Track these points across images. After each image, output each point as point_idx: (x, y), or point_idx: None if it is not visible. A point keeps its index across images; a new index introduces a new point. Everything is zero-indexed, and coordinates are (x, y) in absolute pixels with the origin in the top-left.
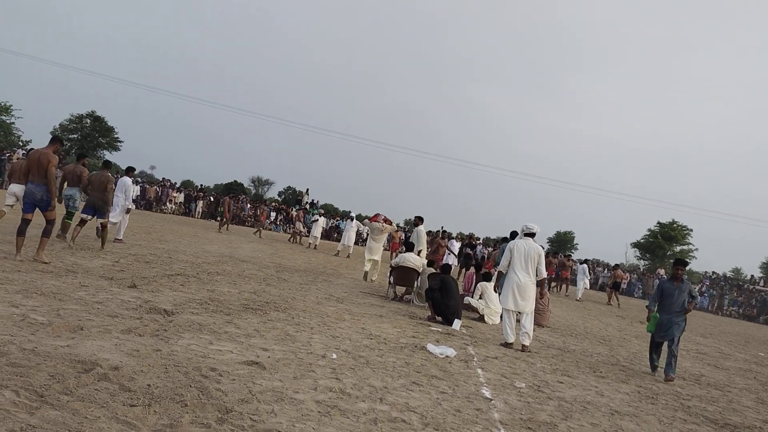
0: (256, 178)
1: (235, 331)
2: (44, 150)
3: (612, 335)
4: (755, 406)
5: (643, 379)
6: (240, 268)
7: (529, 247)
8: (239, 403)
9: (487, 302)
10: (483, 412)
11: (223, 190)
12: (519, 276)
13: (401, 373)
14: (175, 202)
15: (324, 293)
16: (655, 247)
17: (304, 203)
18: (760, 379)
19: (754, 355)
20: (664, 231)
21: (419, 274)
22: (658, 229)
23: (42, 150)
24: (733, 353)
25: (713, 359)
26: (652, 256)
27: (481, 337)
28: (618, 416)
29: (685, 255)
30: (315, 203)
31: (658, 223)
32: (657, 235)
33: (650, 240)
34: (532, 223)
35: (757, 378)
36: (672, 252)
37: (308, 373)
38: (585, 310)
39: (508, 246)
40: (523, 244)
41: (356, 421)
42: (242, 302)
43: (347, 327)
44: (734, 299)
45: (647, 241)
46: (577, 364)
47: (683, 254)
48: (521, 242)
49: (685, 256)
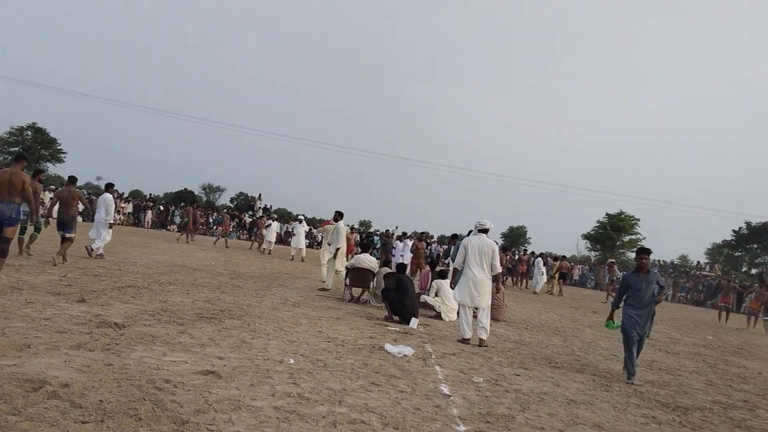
0: (207, 185)
1: (190, 341)
2: (12, 170)
3: (566, 326)
4: (705, 387)
5: (597, 368)
6: (193, 277)
7: (483, 243)
8: (195, 413)
9: (443, 299)
10: (442, 409)
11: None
12: (474, 272)
13: (360, 374)
14: (123, 212)
15: (280, 298)
16: (604, 238)
17: (257, 209)
18: (709, 361)
19: (702, 338)
20: (612, 222)
21: (375, 275)
22: (606, 220)
23: (10, 170)
24: (682, 338)
25: (664, 345)
26: (603, 247)
27: (439, 334)
28: (574, 405)
29: (633, 244)
30: (268, 208)
31: (607, 214)
32: (606, 226)
33: (600, 231)
34: (485, 219)
35: (706, 361)
36: (621, 242)
37: (265, 380)
38: (540, 303)
39: (462, 243)
40: (477, 241)
41: (315, 425)
42: (196, 311)
43: (304, 331)
44: (682, 285)
45: (597, 233)
46: (533, 356)
47: (632, 243)
48: (475, 239)
49: (634, 245)
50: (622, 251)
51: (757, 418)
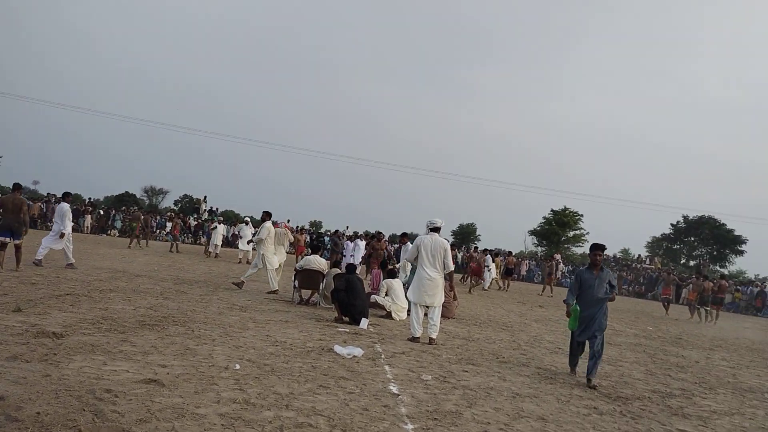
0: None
1: (131, 349)
2: None
3: (513, 321)
4: (644, 377)
5: (543, 361)
6: (134, 284)
7: (435, 242)
8: (137, 423)
9: (393, 299)
10: (390, 408)
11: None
12: (427, 271)
13: (308, 377)
14: None
15: (226, 303)
16: (550, 234)
17: (202, 211)
18: (649, 351)
19: (643, 329)
20: (557, 218)
21: (324, 276)
22: (552, 216)
23: None
24: (624, 329)
25: (606, 336)
26: (548, 243)
27: (389, 334)
28: (519, 399)
29: (578, 239)
30: (214, 211)
31: (552, 210)
32: (551, 222)
33: (545, 227)
34: (437, 218)
35: (646, 351)
36: (566, 237)
37: (210, 387)
38: (489, 299)
39: (415, 242)
40: (429, 239)
41: (261, 430)
42: (138, 319)
43: (251, 336)
44: (624, 278)
45: (543, 228)
46: (481, 352)
47: (576, 239)
48: (427, 237)
49: (578, 240)
50: (567, 246)
51: (694, 406)
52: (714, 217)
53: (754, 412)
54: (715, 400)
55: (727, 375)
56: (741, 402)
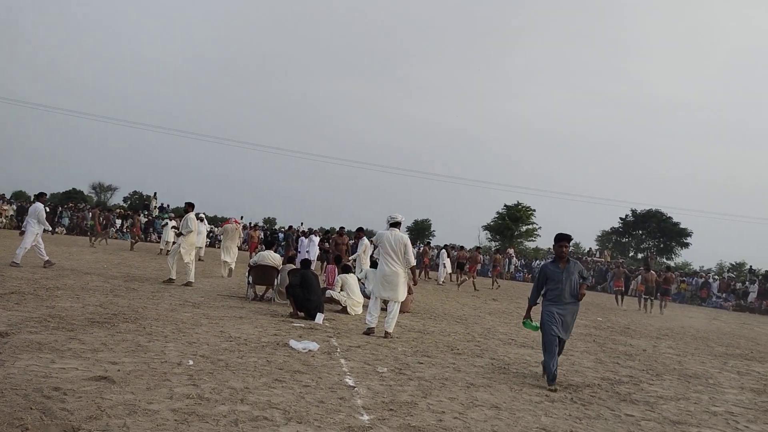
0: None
1: (80, 347)
2: None
3: (468, 314)
4: (594, 366)
5: (496, 352)
6: (83, 281)
7: (395, 237)
8: (87, 420)
9: (348, 294)
10: (346, 400)
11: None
12: (388, 266)
13: (263, 372)
14: (5, 215)
15: (178, 300)
16: (503, 229)
17: (152, 208)
18: (598, 341)
19: (593, 320)
20: (510, 213)
21: (279, 272)
22: (505, 211)
23: None
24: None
25: None
26: (502, 237)
27: (344, 328)
28: (473, 388)
29: (530, 234)
30: (165, 207)
31: (505, 205)
32: (505, 217)
33: (499, 222)
34: (397, 213)
35: (596, 341)
36: (519, 232)
37: (163, 383)
38: (444, 293)
39: (375, 237)
40: (389, 235)
41: (216, 424)
42: (87, 316)
43: (204, 332)
44: None
45: (496, 223)
46: (436, 344)
47: (529, 233)
48: (387, 233)
49: (531, 234)
50: (520, 241)
51: (641, 392)
52: (661, 210)
53: (698, 397)
54: (661, 386)
55: (673, 362)
56: (686, 388)
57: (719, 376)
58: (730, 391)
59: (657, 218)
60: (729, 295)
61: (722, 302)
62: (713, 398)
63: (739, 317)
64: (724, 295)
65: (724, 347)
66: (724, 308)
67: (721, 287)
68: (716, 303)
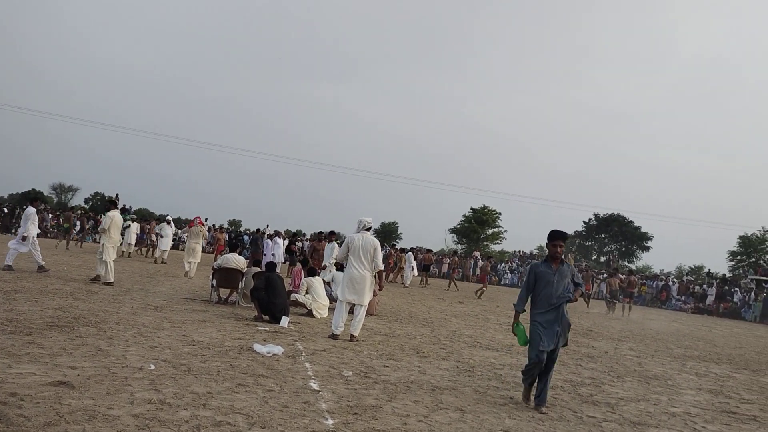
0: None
1: (39, 351)
2: None
3: (434, 317)
4: (557, 367)
5: (462, 355)
6: (42, 284)
7: (366, 241)
8: (45, 426)
9: (314, 297)
10: (310, 405)
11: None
12: (356, 269)
13: (226, 376)
14: None
15: (140, 303)
16: (470, 232)
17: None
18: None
19: None
20: (477, 216)
21: (243, 275)
22: (471, 214)
23: None
24: None
25: None
26: (468, 240)
27: (310, 331)
28: (438, 391)
29: (496, 237)
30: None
31: (471, 209)
32: (471, 220)
33: (465, 225)
34: (368, 218)
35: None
36: (485, 235)
37: (124, 388)
38: (410, 295)
39: (346, 240)
40: (360, 238)
41: (177, 430)
42: (46, 320)
43: (167, 336)
44: None
45: (463, 226)
46: (402, 347)
47: (494, 236)
48: (358, 236)
49: (496, 237)
50: (486, 244)
51: (603, 393)
52: (623, 215)
53: (658, 398)
54: (622, 387)
55: (633, 364)
56: (646, 389)
57: (678, 377)
58: (689, 392)
59: (619, 222)
60: (688, 297)
61: (681, 305)
62: (672, 399)
63: (697, 319)
64: (683, 297)
65: (683, 349)
66: (683, 311)
67: (681, 290)
68: (676, 305)
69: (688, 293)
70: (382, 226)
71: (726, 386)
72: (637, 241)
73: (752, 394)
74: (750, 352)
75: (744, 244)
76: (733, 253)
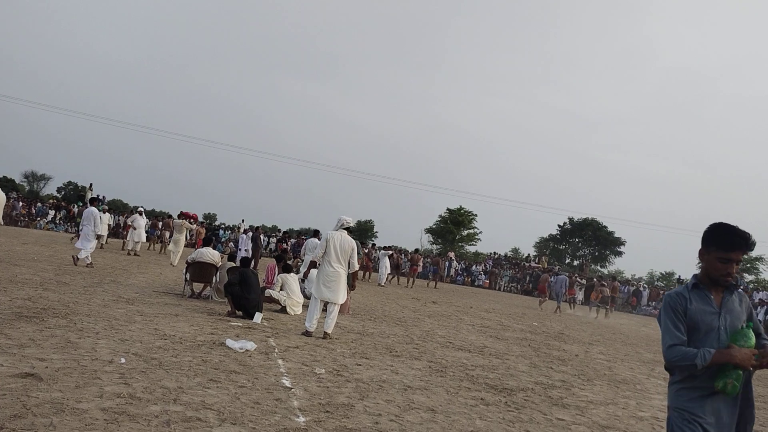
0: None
1: (6, 342)
2: None
3: (407, 316)
4: (529, 370)
5: (434, 355)
6: (11, 273)
7: (344, 240)
8: (11, 419)
9: (288, 293)
10: (282, 402)
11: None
12: (332, 267)
13: (197, 371)
14: None
15: (112, 295)
16: (445, 232)
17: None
18: (534, 346)
19: (529, 325)
20: (453, 216)
21: (218, 269)
22: (447, 215)
23: None
24: (511, 324)
25: (495, 331)
26: (443, 241)
27: (283, 328)
28: (410, 391)
29: (471, 238)
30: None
31: (448, 209)
32: (447, 220)
33: (441, 225)
34: (349, 217)
35: (531, 345)
36: (460, 236)
37: (93, 381)
38: (384, 295)
39: (324, 237)
40: (339, 236)
41: (147, 425)
42: (14, 310)
43: (138, 329)
44: (513, 276)
45: (439, 227)
46: (375, 346)
47: (470, 237)
48: (336, 234)
49: (472, 238)
50: (461, 245)
51: (573, 396)
52: (597, 219)
53: (626, 402)
54: (592, 390)
55: (603, 368)
56: (615, 392)
57: (647, 382)
58: (657, 396)
59: (593, 226)
60: (658, 303)
61: (652, 310)
62: (640, 404)
63: None
64: (653, 303)
65: (652, 354)
66: (653, 316)
67: (651, 296)
68: (646, 311)
69: (659, 299)
70: (359, 224)
71: None
72: (610, 245)
73: None
74: None
75: None
76: None
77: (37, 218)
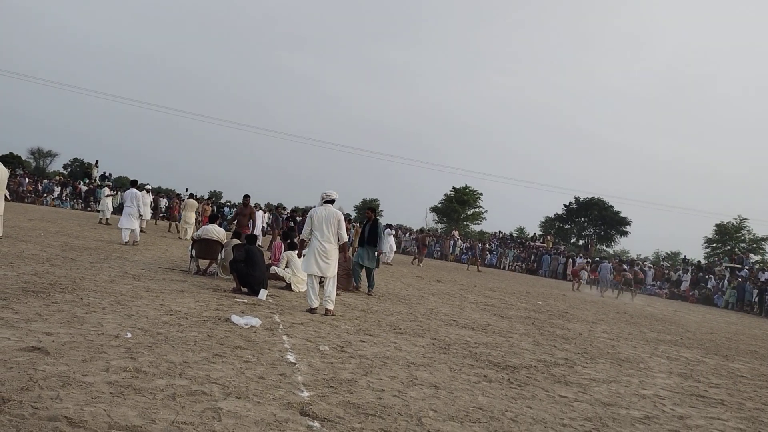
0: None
1: (13, 316)
2: None
3: (412, 294)
4: (532, 348)
5: (438, 332)
6: (18, 249)
7: (329, 213)
8: (18, 391)
9: (293, 270)
10: (286, 377)
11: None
12: (320, 242)
13: (203, 346)
14: None
15: (118, 271)
16: (450, 211)
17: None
18: (537, 324)
19: (533, 303)
20: (458, 195)
21: (223, 246)
22: (453, 193)
23: None
24: (515, 303)
25: (499, 310)
26: (448, 219)
27: (288, 305)
28: (414, 367)
29: (476, 217)
30: (107, 176)
31: (453, 188)
32: (452, 199)
33: (446, 204)
34: (331, 190)
35: (535, 324)
36: (465, 215)
37: (99, 355)
38: (388, 272)
39: (309, 214)
40: (323, 211)
41: (153, 398)
42: (21, 285)
43: (144, 305)
44: (518, 255)
45: (444, 206)
46: (379, 323)
47: (475, 216)
48: (321, 209)
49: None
50: (466, 223)
51: (575, 374)
52: (603, 199)
53: (629, 380)
54: (594, 369)
55: (606, 346)
56: (618, 371)
57: (650, 360)
58: (659, 375)
59: (599, 206)
60: (663, 283)
61: (657, 290)
62: (643, 382)
63: (671, 305)
64: (658, 283)
65: (655, 333)
66: (658, 295)
67: (656, 275)
68: (651, 290)
69: (664, 279)
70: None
71: (696, 370)
72: (616, 225)
73: (721, 379)
74: (721, 337)
75: (720, 231)
76: (709, 240)
77: (44, 194)
